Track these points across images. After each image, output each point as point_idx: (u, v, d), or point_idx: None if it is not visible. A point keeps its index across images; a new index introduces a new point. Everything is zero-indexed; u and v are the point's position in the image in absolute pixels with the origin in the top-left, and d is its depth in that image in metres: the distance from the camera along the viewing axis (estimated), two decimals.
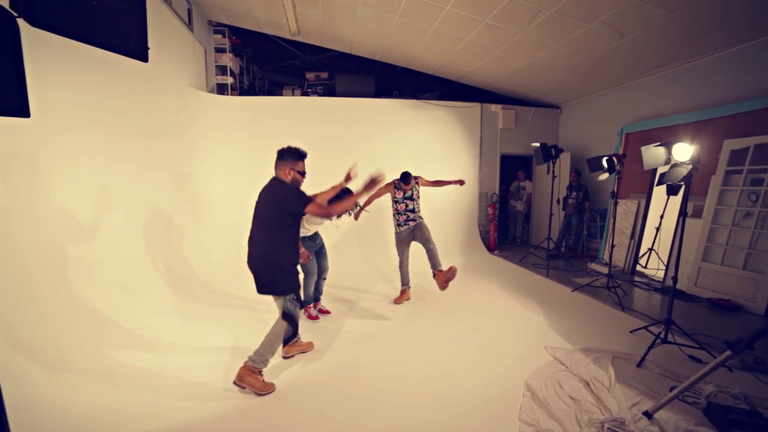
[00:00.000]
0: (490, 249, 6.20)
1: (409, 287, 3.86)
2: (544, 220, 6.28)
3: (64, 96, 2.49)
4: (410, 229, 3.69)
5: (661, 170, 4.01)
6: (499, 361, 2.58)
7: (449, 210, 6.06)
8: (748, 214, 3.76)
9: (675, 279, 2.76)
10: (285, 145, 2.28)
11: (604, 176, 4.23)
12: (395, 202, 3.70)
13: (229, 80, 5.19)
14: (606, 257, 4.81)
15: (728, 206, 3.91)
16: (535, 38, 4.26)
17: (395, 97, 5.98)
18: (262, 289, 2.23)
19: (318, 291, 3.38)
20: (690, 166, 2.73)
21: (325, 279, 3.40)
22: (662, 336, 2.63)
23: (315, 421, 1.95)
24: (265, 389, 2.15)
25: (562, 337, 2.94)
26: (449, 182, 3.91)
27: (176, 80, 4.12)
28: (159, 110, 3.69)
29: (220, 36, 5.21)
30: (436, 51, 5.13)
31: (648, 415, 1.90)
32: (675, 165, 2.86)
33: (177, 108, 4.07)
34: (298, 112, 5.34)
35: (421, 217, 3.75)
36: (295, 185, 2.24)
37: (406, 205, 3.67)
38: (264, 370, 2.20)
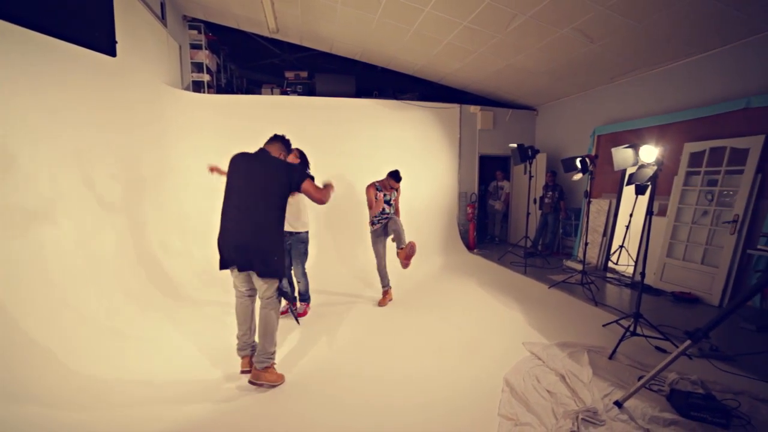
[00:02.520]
0: (470, 248, 6.32)
1: (390, 288, 3.86)
2: (521, 219, 6.45)
3: (23, 94, 2.31)
4: (384, 225, 3.69)
5: (629, 171, 4.21)
6: (480, 359, 2.64)
7: (429, 210, 6.14)
8: (705, 213, 4.02)
9: (643, 274, 2.91)
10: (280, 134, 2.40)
11: (578, 176, 4.40)
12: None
13: (206, 78, 5.06)
14: (580, 255, 5.00)
15: (689, 205, 4.17)
16: (512, 42, 4.38)
17: (375, 97, 5.99)
18: (247, 266, 2.13)
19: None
20: (655, 167, 2.89)
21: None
22: (631, 329, 2.77)
23: (298, 424, 1.95)
24: (279, 380, 2.24)
25: (539, 332, 3.05)
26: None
27: (149, 77, 3.97)
28: (130, 107, 3.55)
29: (195, 32, 5.06)
30: (416, 52, 5.18)
31: (618, 404, 2.01)
32: (642, 166, 3.02)
33: (150, 105, 3.93)
34: (278, 111, 5.26)
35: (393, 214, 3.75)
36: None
37: (383, 209, 3.66)
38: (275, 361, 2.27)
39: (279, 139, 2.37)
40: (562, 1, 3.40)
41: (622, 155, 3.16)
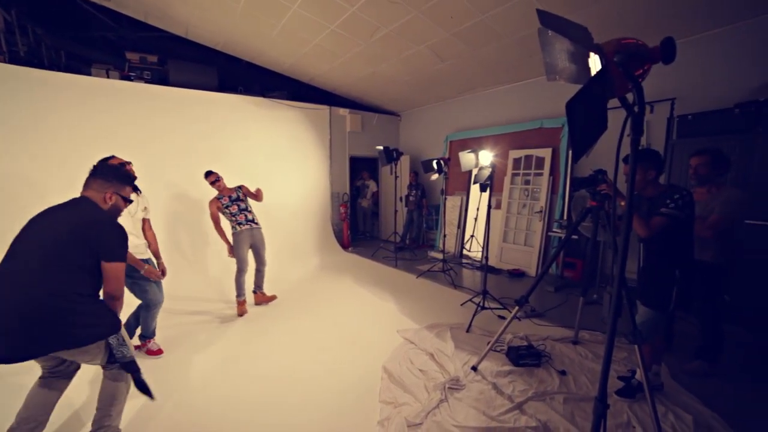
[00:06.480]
0: (345, 247, 6.49)
1: (245, 299, 3.62)
2: (390, 216, 6.99)
3: None
4: (251, 231, 3.60)
5: (474, 171, 5.06)
6: (360, 352, 2.77)
7: (303, 211, 6.05)
8: (524, 205, 5.16)
9: (486, 258, 3.54)
10: (108, 157, 1.77)
11: (435, 176, 5.05)
12: (226, 207, 3.54)
13: None
14: (441, 245, 5.72)
15: (514, 199, 5.27)
16: (376, 51, 4.69)
17: (241, 93, 5.52)
18: (34, 348, 1.44)
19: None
20: (490, 169, 3.55)
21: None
22: (482, 304, 3.35)
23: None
24: None
25: (410, 319, 3.38)
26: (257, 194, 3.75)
27: None
28: None
29: None
30: (284, 49, 5.00)
31: (474, 368, 2.41)
32: (481, 168, 3.67)
33: None
34: (115, 99, 4.26)
35: (258, 225, 3.70)
36: (115, 214, 1.75)
37: (239, 207, 3.57)
38: None
39: (107, 172, 1.74)
40: (416, 21, 3.83)
41: (467, 158, 3.77)
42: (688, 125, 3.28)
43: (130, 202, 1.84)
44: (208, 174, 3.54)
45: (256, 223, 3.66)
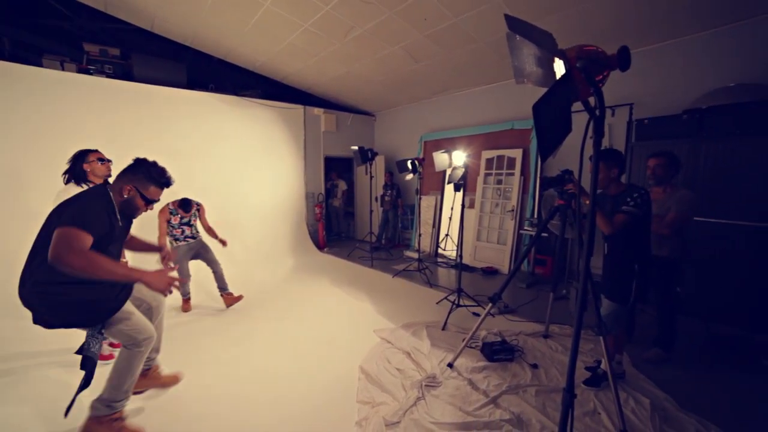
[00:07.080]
0: (320, 247, 6.43)
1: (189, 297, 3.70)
2: (365, 216, 6.98)
3: None
4: (189, 245, 3.55)
5: (448, 171, 5.15)
6: (336, 352, 2.75)
7: (277, 212, 5.94)
8: (497, 204, 5.30)
9: (461, 257, 3.61)
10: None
11: (410, 176, 5.09)
12: (171, 226, 3.47)
13: None
14: (416, 245, 5.78)
15: (487, 199, 5.40)
16: (350, 51, 4.67)
17: (212, 90, 5.33)
18: (47, 320, 1.62)
19: None
20: (463, 169, 3.63)
21: None
22: (456, 302, 3.41)
23: None
24: None
25: (387, 318, 3.39)
26: (216, 237, 3.70)
27: None
28: None
29: None
30: (256, 47, 4.89)
31: (450, 365, 2.45)
32: (455, 168, 3.74)
33: None
34: (73, 93, 3.98)
35: (195, 238, 3.65)
36: (127, 211, 1.75)
37: (183, 231, 3.51)
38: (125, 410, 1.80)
39: (138, 168, 1.76)
40: (390, 22, 3.85)
41: (441, 159, 3.84)
42: (644, 129, 3.50)
43: (153, 202, 1.81)
44: (188, 206, 3.46)
45: (194, 238, 3.60)
